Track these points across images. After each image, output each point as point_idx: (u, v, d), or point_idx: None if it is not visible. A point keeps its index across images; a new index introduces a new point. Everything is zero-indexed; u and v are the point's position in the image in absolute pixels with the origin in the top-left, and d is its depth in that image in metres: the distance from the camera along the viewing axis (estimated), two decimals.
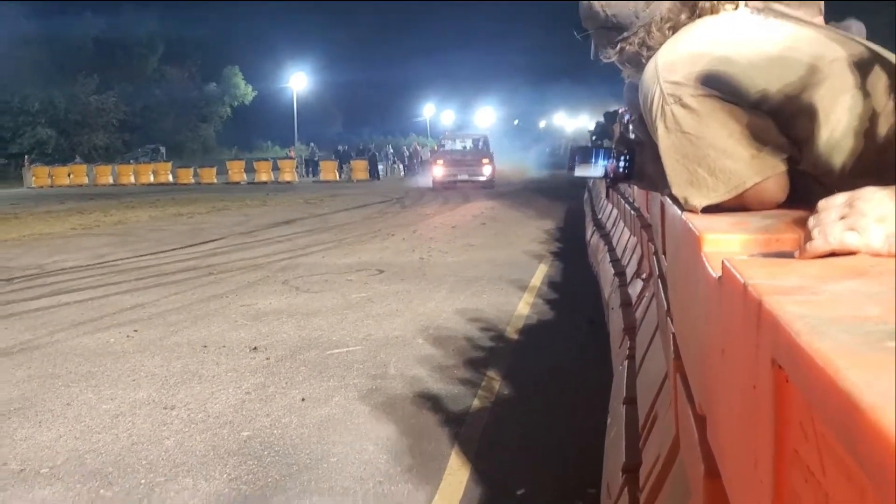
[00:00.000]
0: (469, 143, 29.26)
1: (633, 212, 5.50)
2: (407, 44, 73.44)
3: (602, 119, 17.70)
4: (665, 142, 1.49)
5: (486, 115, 61.93)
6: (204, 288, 7.95)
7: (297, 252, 10.70)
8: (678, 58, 1.51)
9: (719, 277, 0.97)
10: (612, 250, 6.66)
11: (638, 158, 1.84)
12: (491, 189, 24.92)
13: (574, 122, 61.83)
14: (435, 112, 68.70)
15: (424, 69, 69.43)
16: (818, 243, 0.91)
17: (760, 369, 0.70)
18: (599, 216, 9.87)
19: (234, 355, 5.35)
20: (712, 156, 1.43)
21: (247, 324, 6.30)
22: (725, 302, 0.91)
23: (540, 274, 8.56)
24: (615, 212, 7.89)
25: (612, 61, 1.76)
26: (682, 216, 1.43)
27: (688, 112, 1.45)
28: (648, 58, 1.61)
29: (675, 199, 1.55)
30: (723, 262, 0.93)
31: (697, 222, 1.30)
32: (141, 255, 10.53)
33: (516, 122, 47.85)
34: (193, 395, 4.49)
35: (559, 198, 19.72)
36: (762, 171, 1.42)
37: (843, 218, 0.91)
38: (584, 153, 1.91)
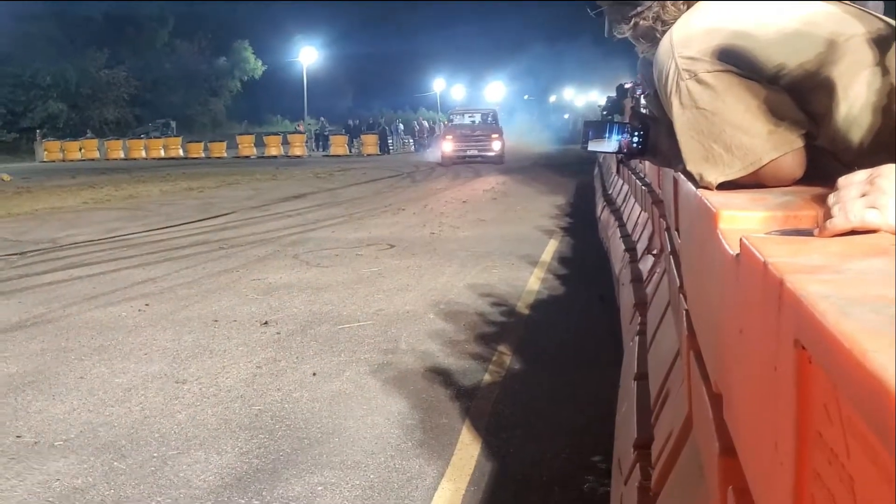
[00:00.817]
0: (478, 118, 29.07)
1: (644, 187, 5.47)
2: (417, 17, 72.63)
3: (613, 94, 17.54)
4: (680, 118, 1.47)
5: (496, 90, 61.50)
6: (214, 262, 7.98)
7: (308, 227, 10.71)
8: (694, 32, 1.49)
9: (737, 255, 0.95)
10: (622, 226, 6.65)
11: (652, 134, 1.83)
12: (501, 165, 24.80)
13: (584, 97, 61.44)
14: (445, 87, 68.21)
15: (434, 43, 68.78)
16: (839, 220, 0.89)
17: (782, 350, 0.69)
18: (610, 192, 9.84)
19: (245, 329, 5.38)
20: (728, 131, 1.42)
21: (257, 298, 6.32)
22: (744, 281, 0.89)
23: (550, 249, 8.56)
24: (626, 187, 7.86)
25: (626, 37, 1.74)
26: (698, 193, 1.41)
27: (703, 87, 1.43)
28: (663, 33, 1.59)
29: (689, 176, 1.53)
30: (741, 240, 0.91)
31: (713, 199, 1.28)
32: (152, 230, 10.57)
33: (526, 97, 47.47)
34: (205, 370, 4.52)
35: (569, 173, 19.65)
36: (779, 147, 1.40)
37: (863, 195, 0.89)
38: (597, 128, 1.89)
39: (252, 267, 7.70)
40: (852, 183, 0.91)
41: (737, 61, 1.42)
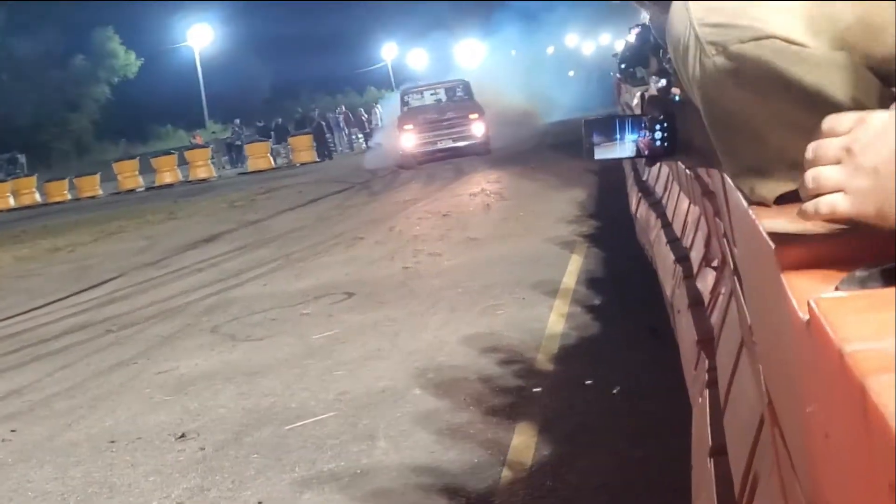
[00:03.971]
0: (443, 95, 29.21)
1: (688, 171, 5.48)
2: None
3: (632, 37, 17.54)
4: (710, 112, 1.46)
5: (471, 51, 61.57)
6: (102, 354, 7.94)
7: (228, 282, 10.69)
8: None
9: (807, 322, 0.95)
10: (667, 226, 6.68)
11: (680, 124, 1.84)
12: (487, 155, 24.90)
13: (593, 44, 61.67)
14: (398, 53, 68.24)
15: None
16: (807, 206, 1.03)
17: (878, 488, 0.68)
18: (644, 177, 9.86)
19: (155, 449, 5.34)
20: (779, 128, 1.38)
21: (167, 399, 6.30)
22: (820, 367, 0.88)
23: (574, 269, 8.59)
24: (665, 170, 7.88)
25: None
26: (750, 212, 1.41)
27: (738, 66, 1.38)
28: None
29: (737, 184, 1.53)
30: (809, 305, 0.90)
31: (772, 224, 1.27)
32: (7, 318, 10.50)
33: (513, 52, 47.43)
34: None
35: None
36: None
37: (837, 162, 1.00)
38: (603, 126, 1.90)
39: (155, 354, 7.67)
40: (829, 139, 1.01)
41: (791, 29, 1.37)
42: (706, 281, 4.47)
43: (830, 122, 1.04)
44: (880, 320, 0.83)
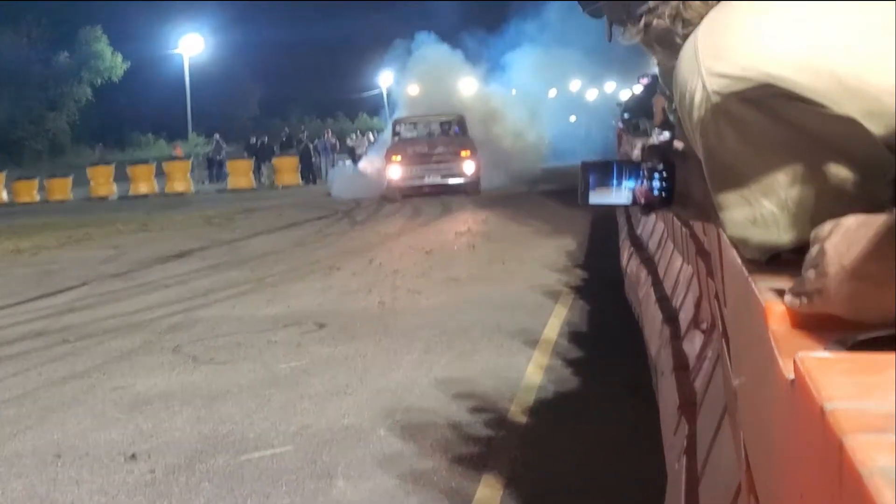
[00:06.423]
0: (437, 128, 29.30)
1: (684, 229, 5.53)
2: None
3: (640, 87, 17.69)
4: (711, 161, 1.48)
5: (470, 85, 61.54)
6: (56, 364, 7.88)
7: (195, 301, 10.66)
8: (731, 35, 1.43)
9: (792, 381, 0.97)
10: (657, 283, 6.74)
11: (680, 175, 1.85)
12: (477, 195, 24.97)
13: (596, 90, 61.81)
14: (395, 81, 67.92)
15: (378, 19, 68.93)
16: (787, 299, 1.15)
17: None
18: (638, 231, 9.91)
19: (103, 467, 5.30)
20: (783, 183, 1.41)
21: (120, 417, 6.26)
22: (801, 426, 0.90)
23: (556, 321, 8.59)
24: (660, 226, 7.94)
25: (636, 42, 1.74)
26: (743, 270, 1.44)
27: (745, 118, 1.40)
28: (685, 37, 1.56)
29: (731, 238, 1.56)
30: (795, 362, 0.93)
31: (764, 283, 1.29)
32: None
33: (514, 91, 47.34)
34: None
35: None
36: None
37: (815, 267, 1.11)
38: (600, 171, 1.92)
39: (112, 369, 7.62)
40: (818, 238, 1.13)
41: (806, 88, 1.34)
42: (693, 344, 4.50)
43: (817, 229, 1.15)
44: (865, 382, 0.85)
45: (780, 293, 1.21)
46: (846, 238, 1.09)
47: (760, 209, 1.45)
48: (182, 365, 7.64)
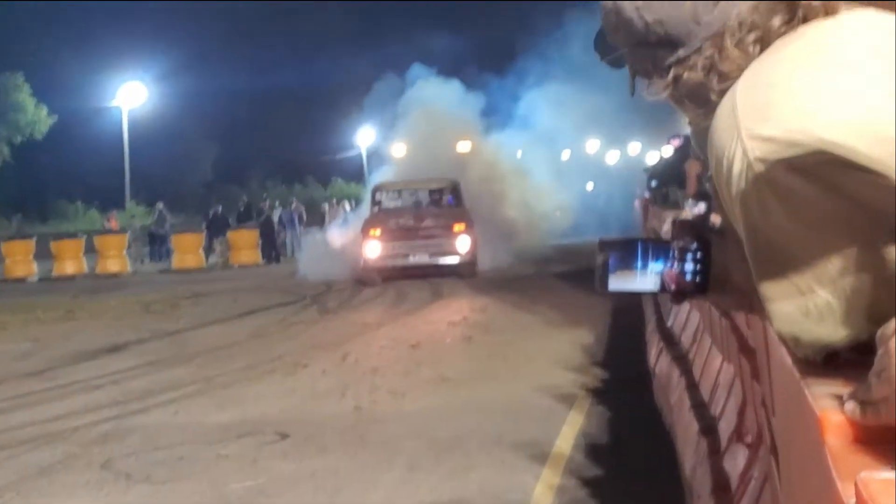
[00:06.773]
0: (424, 196, 27.74)
1: (724, 320, 5.35)
2: (328, 19, 65.60)
3: (670, 149, 17.31)
4: (754, 240, 1.45)
5: (467, 144, 59.32)
6: None
7: (130, 406, 10.16)
8: (776, 92, 1.40)
9: None
10: (693, 386, 6.59)
11: (717, 256, 1.75)
12: (473, 277, 23.80)
13: (618, 152, 60.36)
14: (376, 140, 60.92)
15: (357, 67, 61.61)
16: (849, 407, 1.15)
17: None
18: (669, 323, 9.69)
19: None
20: (839, 266, 1.36)
21: None
22: None
23: (570, 430, 8.25)
24: (695, 316, 7.75)
25: (664, 98, 1.68)
26: (794, 370, 1.41)
27: (794, 190, 1.36)
28: (722, 92, 1.53)
29: (779, 334, 1.52)
30: (856, 484, 0.96)
31: (819, 388, 1.28)
32: None
33: (520, 152, 45.54)
34: None
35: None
36: None
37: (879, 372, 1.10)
38: (622, 250, 1.81)
39: (27, 488, 7.28)
40: (884, 337, 1.10)
41: (859, 153, 1.30)
42: (736, 460, 4.37)
43: (884, 327, 1.13)
44: None
45: (839, 400, 1.19)
46: None
47: (814, 299, 1.42)
48: (113, 484, 7.29)
